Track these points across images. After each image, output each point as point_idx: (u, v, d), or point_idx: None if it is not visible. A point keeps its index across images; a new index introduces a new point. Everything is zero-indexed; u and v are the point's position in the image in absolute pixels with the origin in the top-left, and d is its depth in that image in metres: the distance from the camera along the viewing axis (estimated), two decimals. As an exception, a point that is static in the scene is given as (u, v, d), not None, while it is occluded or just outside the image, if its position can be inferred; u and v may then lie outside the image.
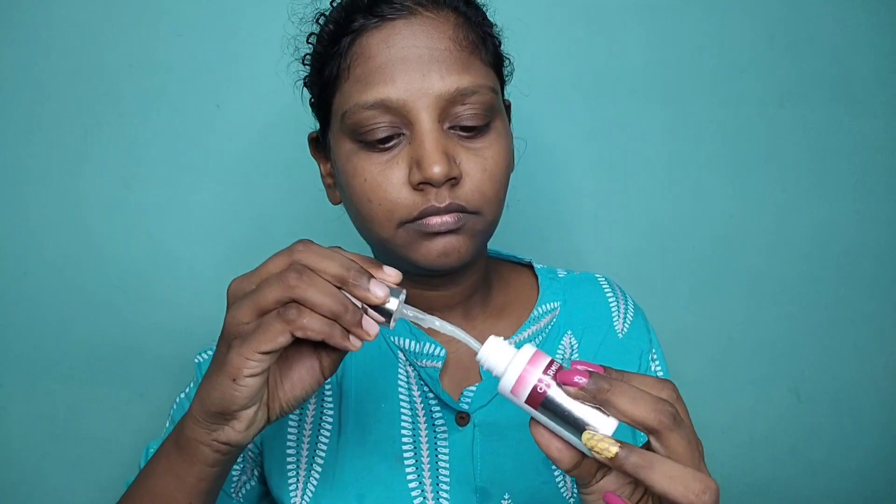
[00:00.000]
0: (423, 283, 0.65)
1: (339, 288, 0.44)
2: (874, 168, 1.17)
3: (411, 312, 0.48)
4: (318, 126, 0.66)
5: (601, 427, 0.41)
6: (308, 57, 0.65)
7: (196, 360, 0.72)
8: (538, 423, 0.44)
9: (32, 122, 0.93)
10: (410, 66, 0.55)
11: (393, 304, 0.46)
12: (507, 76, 0.67)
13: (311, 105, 0.66)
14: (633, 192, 1.11)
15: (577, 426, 0.42)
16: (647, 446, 0.42)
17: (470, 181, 0.57)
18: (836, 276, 1.18)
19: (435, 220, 0.56)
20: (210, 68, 0.96)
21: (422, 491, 0.63)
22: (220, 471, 0.51)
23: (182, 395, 0.72)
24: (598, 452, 0.40)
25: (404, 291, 0.47)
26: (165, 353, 0.98)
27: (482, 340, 0.46)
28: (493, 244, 0.71)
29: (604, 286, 0.77)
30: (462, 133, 0.57)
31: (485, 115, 0.57)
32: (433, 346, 0.65)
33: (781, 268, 1.16)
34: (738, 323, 1.16)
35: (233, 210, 0.99)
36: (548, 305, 0.71)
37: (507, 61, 0.66)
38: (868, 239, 1.18)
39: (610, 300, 0.75)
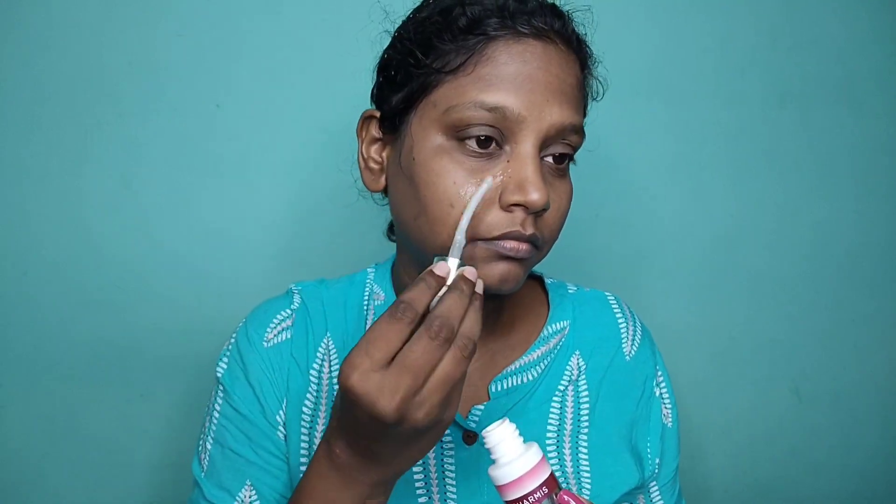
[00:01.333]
0: None
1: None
2: (875, 168, 1.17)
3: (459, 236, 0.52)
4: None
5: None
6: (402, 38, 0.61)
7: (218, 373, 0.69)
8: None
9: (32, 122, 0.93)
10: (538, 87, 0.55)
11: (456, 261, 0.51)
12: None
13: (382, 86, 0.63)
14: (633, 192, 1.11)
15: None
16: None
17: (549, 216, 0.58)
18: (837, 277, 1.18)
19: (511, 245, 0.55)
20: (210, 68, 0.96)
21: None
22: None
23: (216, 413, 0.67)
24: None
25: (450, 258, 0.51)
26: (165, 353, 0.98)
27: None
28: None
29: (613, 306, 0.76)
30: (550, 166, 0.58)
31: (572, 157, 0.59)
32: None
33: (781, 268, 1.16)
34: (738, 323, 1.16)
35: (233, 210, 0.99)
36: (557, 325, 0.71)
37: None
38: (868, 239, 1.18)
39: (619, 321, 0.75)
